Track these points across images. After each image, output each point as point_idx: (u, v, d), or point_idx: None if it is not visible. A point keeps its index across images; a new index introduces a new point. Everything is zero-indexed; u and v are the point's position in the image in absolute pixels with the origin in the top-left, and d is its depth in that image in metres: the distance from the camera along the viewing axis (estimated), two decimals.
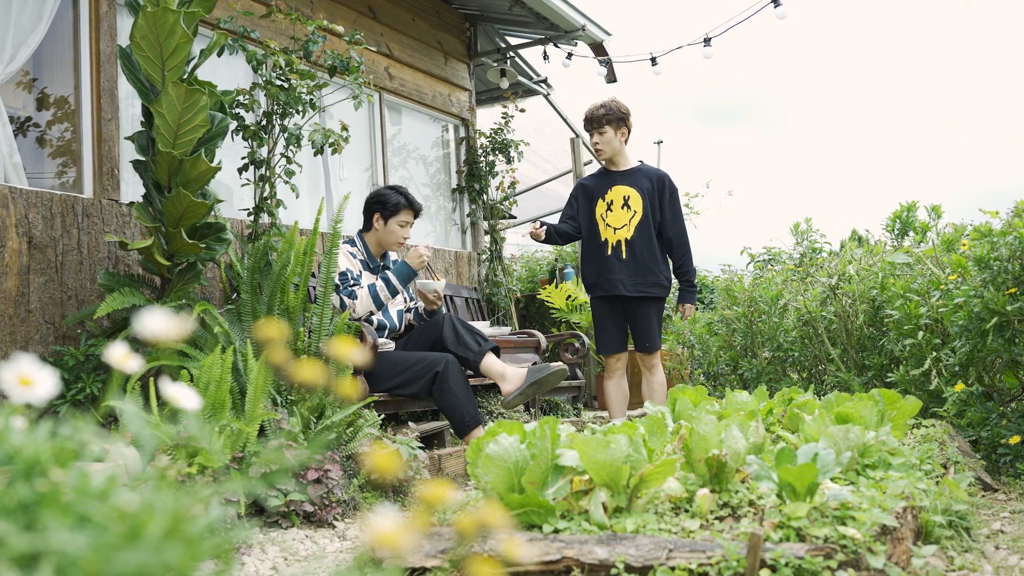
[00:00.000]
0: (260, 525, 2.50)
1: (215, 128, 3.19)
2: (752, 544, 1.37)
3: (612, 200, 4.10)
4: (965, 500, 2.01)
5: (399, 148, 5.81)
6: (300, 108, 3.78)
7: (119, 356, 0.88)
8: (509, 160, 6.22)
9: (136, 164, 3.21)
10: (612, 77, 6.86)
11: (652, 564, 1.42)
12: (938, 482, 2.10)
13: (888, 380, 3.61)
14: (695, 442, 1.83)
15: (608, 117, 4.06)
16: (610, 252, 4.06)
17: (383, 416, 3.58)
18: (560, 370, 3.49)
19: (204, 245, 3.23)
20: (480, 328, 4.62)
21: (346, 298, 3.59)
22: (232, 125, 3.76)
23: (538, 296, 6.47)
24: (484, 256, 6.27)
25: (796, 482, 1.62)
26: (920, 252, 3.76)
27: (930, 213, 3.87)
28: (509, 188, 6.29)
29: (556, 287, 6.15)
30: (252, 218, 3.81)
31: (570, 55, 6.68)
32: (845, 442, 1.93)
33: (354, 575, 0.91)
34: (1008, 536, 2.11)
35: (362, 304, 3.63)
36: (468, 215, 6.30)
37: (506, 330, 4.80)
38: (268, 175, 3.82)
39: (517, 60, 6.94)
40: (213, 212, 3.35)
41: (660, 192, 4.09)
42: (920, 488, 1.89)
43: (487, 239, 6.30)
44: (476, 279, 6.19)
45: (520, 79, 6.97)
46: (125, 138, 3.42)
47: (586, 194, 4.19)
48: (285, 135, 3.81)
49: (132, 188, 3.78)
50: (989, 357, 3.12)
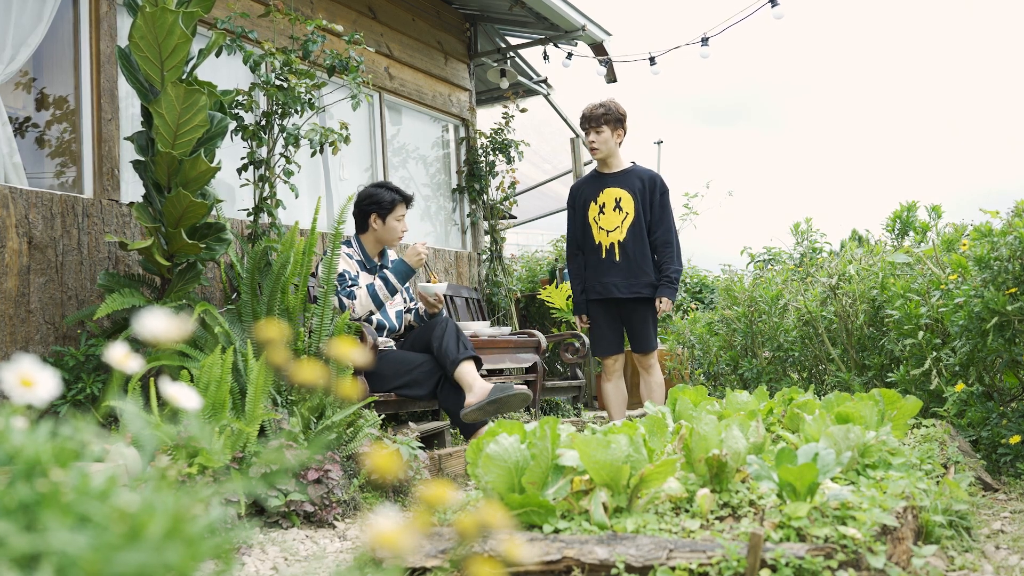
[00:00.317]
0: (260, 525, 2.50)
1: (214, 128, 3.19)
2: (752, 544, 1.37)
3: (604, 203, 4.11)
4: (965, 500, 2.01)
5: (399, 148, 5.81)
6: (299, 108, 3.79)
7: (119, 356, 0.88)
8: (509, 160, 6.22)
9: (136, 164, 3.21)
10: (612, 77, 6.86)
11: (652, 564, 1.42)
12: (938, 482, 2.10)
13: (888, 380, 3.60)
14: (695, 442, 1.83)
15: (607, 117, 4.07)
16: (604, 255, 4.08)
17: (383, 416, 3.58)
18: (523, 395, 3.45)
19: (204, 245, 3.23)
20: (480, 328, 4.63)
21: (345, 299, 3.60)
22: (231, 125, 3.76)
23: (538, 296, 6.47)
24: (484, 256, 6.27)
25: (796, 482, 1.62)
26: (920, 252, 3.76)
27: (930, 213, 3.86)
28: (509, 188, 6.29)
29: (556, 287, 6.14)
30: (252, 218, 3.81)
31: (570, 55, 6.68)
32: (845, 442, 1.93)
33: (354, 575, 0.91)
34: (1008, 536, 2.11)
35: (361, 304, 3.64)
36: (468, 215, 6.30)
37: (506, 330, 4.80)
38: (268, 175, 3.82)
39: (517, 60, 6.94)
40: (213, 212, 3.35)
41: (651, 192, 4.10)
42: (920, 488, 1.89)
43: (487, 239, 6.30)
44: (476, 279, 6.19)
45: (520, 79, 6.97)
46: (125, 138, 3.42)
47: (580, 198, 4.22)
48: (284, 135, 3.81)
49: (132, 188, 3.78)
50: (989, 357, 3.12)
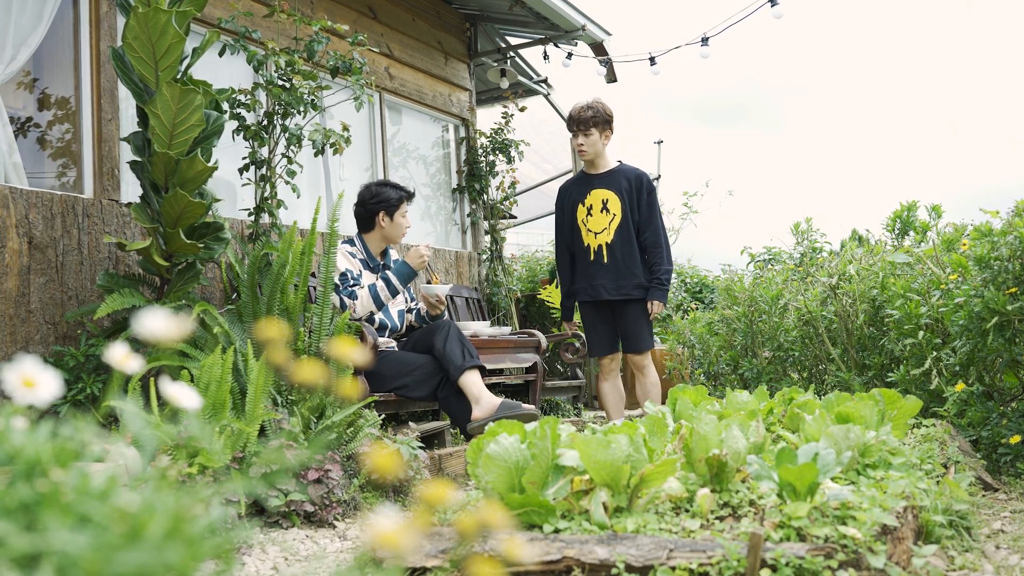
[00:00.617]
0: (261, 525, 2.50)
1: (211, 127, 3.18)
2: (752, 544, 1.37)
3: (592, 204, 4.10)
4: (966, 500, 2.01)
5: (399, 148, 5.81)
6: (301, 108, 3.79)
7: (119, 356, 0.88)
8: (509, 160, 6.22)
9: (133, 165, 3.21)
10: (612, 77, 6.86)
11: (653, 564, 1.42)
12: (939, 482, 2.10)
13: (888, 380, 3.60)
14: (695, 442, 1.83)
15: (596, 119, 4.05)
16: (592, 257, 4.08)
17: (383, 416, 3.58)
18: (531, 415, 3.46)
19: (202, 245, 3.23)
20: (480, 328, 4.63)
21: (346, 298, 3.60)
22: (233, 125, 3.76)
23: (538, 296, 6.47)
24: (484, 256, 6.27)
25: (797, 482, 1.62)
26: (920, 252, 3.76)
27: (930, 213, 3.86)
28: (509, 188, 6.29)
29: (556, 287, 6.14)
30: (253, 218, 3.81)
31: (570, 55, 6.68)
32: (845, 442, 1.93)
33: (355, 575, 0.91)
34: (1009, 536, 2.11)
35: (362, 304, 3.64)
36: (468, 215, 6.30)
37: (506, 330, 4.79)
38: (269, 175, 3.82)
39: (517, 60, 6.94)
40: (211, 212, 3.35)
41: (638, 192, 4.09)
42: (921, 488, 1.89)
43: (487, 239, 6.30)
44: (476, 279, 6.19)
45: (520, 79, 6.97)
46: (122, 139, 3.42)
47: (567, 200, 4.22)
48: (286, 135, 3.81)
49: (132, 188, 3.78)
50: (989, 357, 3.12)
